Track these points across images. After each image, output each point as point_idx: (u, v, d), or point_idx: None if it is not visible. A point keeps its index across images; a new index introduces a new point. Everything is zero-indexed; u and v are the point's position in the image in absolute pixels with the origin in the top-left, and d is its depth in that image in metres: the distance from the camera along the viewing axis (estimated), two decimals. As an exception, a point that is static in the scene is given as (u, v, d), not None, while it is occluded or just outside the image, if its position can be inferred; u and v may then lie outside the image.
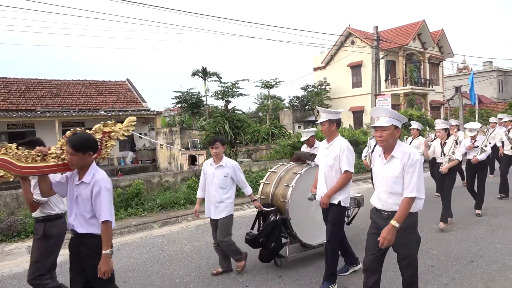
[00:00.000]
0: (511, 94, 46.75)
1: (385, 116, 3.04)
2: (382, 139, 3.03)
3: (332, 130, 4.05)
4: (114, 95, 23.80)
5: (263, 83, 26.37)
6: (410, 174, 2.94)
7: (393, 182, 3.01)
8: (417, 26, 29.32)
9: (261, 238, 4.56)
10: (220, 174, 4.47)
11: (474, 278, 4.15)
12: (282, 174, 5.08)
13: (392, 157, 3.05)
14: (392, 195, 3.03)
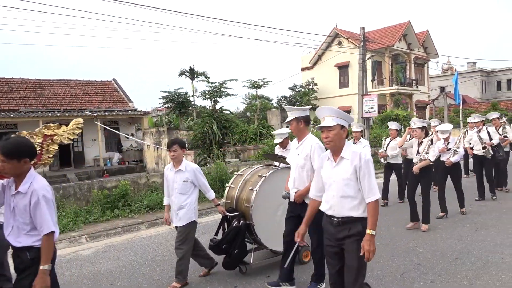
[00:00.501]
0: (494, 94, 47.79)
1: (331, 116, 2.90)
2: (329, 140, 2.87)
3: (301, 128, 3.88)
4: (100, 95, 23.48)
5: (251, 83, 26.37)
6: (367, 176, 2.79)
7: (345, 184, 2.83)
8: (402, 27, 29.72)
9: (223, 244, 4.37)
10: (180, 179, 4.20)
11: (459, 275, 4.21)
12: (247, 177, 4.82)
13: (342, 159, 2.89)
14: (344, 199, 2.85)
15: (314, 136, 3.90)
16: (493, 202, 7.68)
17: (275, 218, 4.58)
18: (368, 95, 17.49)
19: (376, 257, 4.84)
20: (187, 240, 4.20)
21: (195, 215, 4.27)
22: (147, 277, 4.71)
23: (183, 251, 4.17)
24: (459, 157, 6.60)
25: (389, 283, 4.10)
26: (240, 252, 4.42)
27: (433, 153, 5.91)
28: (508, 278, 4.06)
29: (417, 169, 5.88)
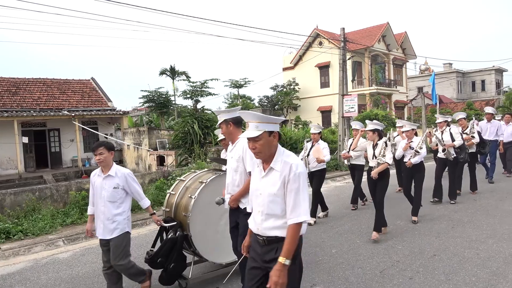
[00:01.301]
0: (469, 95, 49.27)
1: (254, 122, 2.45)
2: (257, 151, 2.44)
3: (231, 130, 3.66)
4: (78, 94, 22.97)
5: (233, 82, 26.36)
6: (294, 192, 2.35)
7: (270, 200, 2.43)
8: (381, 28, 30.24)
9: (159, 258, 3.99)
10: (109, 185, 3.76)
11: (436, 271, 4.31)
12: (189, 183, 4.42)
13: (271, 169, 2.46)
14: (269, 217, 2.45)
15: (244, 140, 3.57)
16: (469, 200, 7.90)
17: (217, 228, 4.26)
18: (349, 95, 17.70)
19: (356, 255, 4.93)
20: (124, 254, 3.79)
21: (128, 225, 3.87)
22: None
23: (124, 266, 3.79)
24: (420, 158, 6.28)
25: (369, 280, 4.16)
26: (177, 265, 4.05)
27: (389, 156, 5.57)
28: (483, 273, 4.18)
29: (376, 173, 5.58)
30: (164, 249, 4.01)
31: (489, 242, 5.16)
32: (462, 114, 8.80)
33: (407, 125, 6.61)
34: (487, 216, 6.49)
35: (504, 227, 5.82)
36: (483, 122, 10.28)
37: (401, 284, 4.04)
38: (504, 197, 7.97)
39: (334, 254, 5.03)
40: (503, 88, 48.33)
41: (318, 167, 6.65)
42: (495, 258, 4.58)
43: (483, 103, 40.59)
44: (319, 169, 6.68)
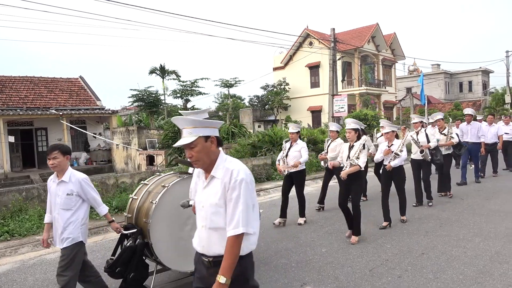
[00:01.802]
0: (457, 95, 50.01)
1: (188, 128, 2.22)
2: (194, 159, 2.22)
3: None
4: (66, 93, 22.67)
5: (223, 82, 26.29)
6: (234, 201, 2.14)
7: (213, 212, 2.21)
8: (371, 29, 30.48)
9: (118, 267, 3.73)
10: (63, 192, 3.49)
11: (425, 269, 4.36)
12: (151, 187, 4.17)
13: (212, 178, 2.25)
14: (213, 232, 2.22)
15: None
16: (456, 199, 8.00)
17: (181, 235, 3.97)
18: (339, 95, 17.83)
19: (346, 254, 4.96)
20: (72, 265, 3.46)
21: (82, 234, 3.56)
22: (115, 280, 4.57)
23: (67, 279, 3.41)
24: (400, 161, 6.02)
25: (358, 279, 4.19)
26: (137, 275, 3.79)
27: (363, 159, 5.33)
28: (470, 271, 4.25)
29: (345, 174, 5.34)
30: (122, 257, 3.76)
31: (476, 241, 5.24)
32: (440, 114, 8.57)
33: (387, 127, 6.31)
34: (474, 215, 6.59)
35: (490, 225, 5.92)
36: (463, 124, 9.98)
37: (390, 282, 4.07)
38: (490, 196, 8.10)
39: (324, 253, 5.05)
40: (489, 89, 49.18)
41: (297, 168, 6.43)
42: (482, 256, 4.65)
43: (470, 104, 41.22)
44: (298, 170, 6.43)
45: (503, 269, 4.24)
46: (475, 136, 9.58)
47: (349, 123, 5.62)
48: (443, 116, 8.59)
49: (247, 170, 2.25)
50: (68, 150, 3.61)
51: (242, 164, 2.28)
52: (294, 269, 4.56)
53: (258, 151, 13.94)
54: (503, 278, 4.01)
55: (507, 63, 34.39)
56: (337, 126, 7.42)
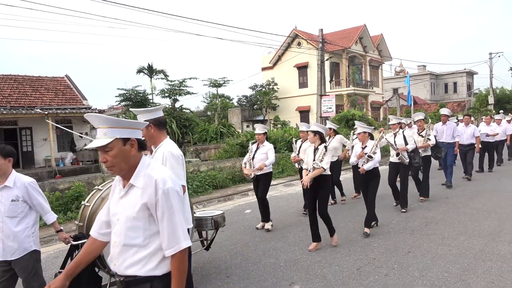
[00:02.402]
0: (442, 96, 50.87)
1: (102, 127, 1.92)
2: (109, 165, 1.91)
3: (152, 133, 3.19)
4: (52, 92, 22.30)
5: (212, 81, 26.20)
6: (168, 216, 1.85)
7: (129, 227, 1.89)
8: (358, 30, 30.78)
9: None
10: (6, 198, 3.16)
11: (411, 268, 4.43)
12: (105, 193, 3.87)
13: (131, 186, 1.94)
14: (128, 250, 1.89)
15: (171, 142, 3.25)
16: (441, 198, 8.14)
17: None
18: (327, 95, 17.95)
19: (334, 253, 5.00)
20: (34, 277, 3.21)
21: (35, 242, 3.26)
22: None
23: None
24: (373, 163, 5.73)
25: (346, 278, 4.23)
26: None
27: (326, 161, 5.05)
28: (455, 269, 4.33)
29: (309, 179, 5.03)
30: None
31: (461, 239, 5.34)
32: (421, 115, 8.35)
33: (359, 127, 6.06)
34: (458, 214, 6.72)
35: (474, 224, 6.04)
36: (439, 124, 9.65)
37: (377, 281, 4.13)
38: (474, 195, 8.26)
39: (312, 252, 5.09)
40: (473, 90, 50.18)
41: (262, 171, 6.16)
42: (466, 254, 4.74)
43: (455, 104, 42.01)
44: (264, 173, 6.19)
45: (486, 266, 4.34)
46: (450, 136, 9.36)
47: (310, 126, 5.41)
48: (424, 116, 8.45)
49: (173, 176, 2.01)
50: (10, 152, 3.26)
51: (167, 171, 2.04)
52: (283, 269, 4.58)
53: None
54: (486, 275, 4.10)
55: (490, 65, 35.10)
56: (307, 126, 7.12)
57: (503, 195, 8.06)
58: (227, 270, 4.63)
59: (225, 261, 4.94)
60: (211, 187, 10.23)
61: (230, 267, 4.73)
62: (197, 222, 4.46)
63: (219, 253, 5.26)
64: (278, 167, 12.55)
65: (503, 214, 6.49)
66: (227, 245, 5.60)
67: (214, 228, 4.50)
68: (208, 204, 8.91)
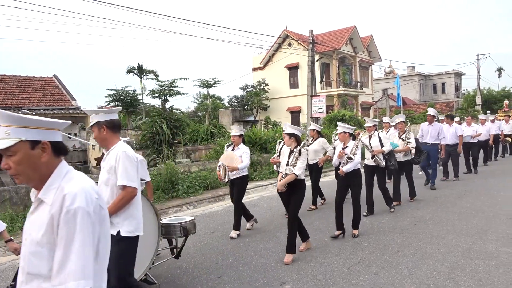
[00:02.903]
0: (431, 97, 51.52)
1: (6, 126, 1.52)
2: (13, 172, 1.54)
3: (104, 135, 3.06)
4: (40, 92, 21.99)
5: (202, 82, 26.13)
6: (64, 242, 1.43)
7: (32, 252, 1.50)
8: (349, 31, 31.00)
9: None
10: None
11: (400, 266, 4.47)
12: None
13: (41, 202, 1.55)
14: (32, 279, 1.51)
15: (125, 145, 3.12)
16: (430, 197, 8.24)
17: None
18: (317, 96, 18.02)
19: (324, 252, 5.03)
20: None
21: None
22: None
23: None
24: (353, 165, 5.56)
25: (336, 277, 4.25)
26: None
27: (300, 166, 4.77)
28: (443, 267, 4.38)
29: (282, 186, 4.77)
30: None
31: (449, 238, 5.41)
32: (401, 117, 8.11)
33: (340, 127, 5.85)
34: (447, 213, 6.80)
35: (462, 223, 6.12)
36: (424, 124, 9.43)
37: (367, 280, 4.16)
38: (462, 194, 8.38)
39: (303, 252, 5.10)
40: (461, 91, 50.92)
41: (237, 174, 5.87)
42: (454, 253, 4.81)
43: (443, 105, 42.54)
44: (239, 176, 5.91)
45: (474, 264, 4.40)
46: (434, 137, 9.08)
47: (285, 128, 5.03)
48: (405, 119, 8.23)
49: (93, 194, 1.54)
50: None
51: (88, 183, 1.57)
52: (274, 269, 4.59)
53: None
54: (474, 274, 4.16)
55: (477, 66, 35.65)
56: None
57: (490, 194, 8.18)
58: (218, 271, 4.62)
59: (216, 262, 4.93)
60: (202, 188, 10.19)
61: (221, 267, 4.72)
62: (165, 230, 4.34)
63: (210, 254, 5.25)
64: (269, 168, 12.57)
65: (490, 213, 6.59)
66: (218, 246, 5.59)
67: (183, 235, 4.35)
68: (199, 205, 8.88)
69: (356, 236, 5.63)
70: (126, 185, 2.92)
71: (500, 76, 53.54)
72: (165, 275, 4.57)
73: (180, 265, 4.84)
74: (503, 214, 6.50)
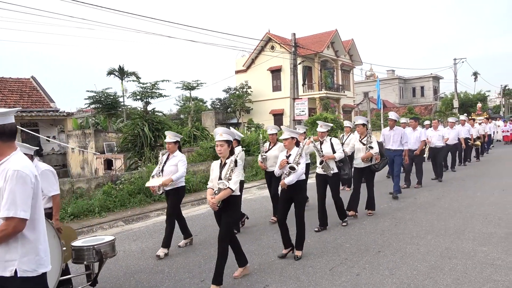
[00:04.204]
0: (410, 100, 52.63)
1: None
2: None
3: None
4: (16, 93, 21.41)
5: (185, 84, 25.91)
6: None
7: None
8: (330, 35, 31.38)
9: None
10: None
11: (381, 267, 4.54)
12: None
13: None
14: None
15: (22, 158, 2.32)
16: (410, 198, 8.40)
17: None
18: (299, 98, 18.16)
19: (307, 254, 5.06)
20: None
21: None
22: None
23: None
24: (296, 176, 4.81)
25: (319, 279, 4.29)
26: None
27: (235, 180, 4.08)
28: (423, 267, 4.48)
29: (216, 202, 4.06)
30: None
31: (428, 238, 5.53)
32: (361, 119, 7.17)
33: (286, 132, 5.11)
34: (426, 214, 6.95)
35: (441, 223, 6.27)
36: (386, 129, 8.76)
37: (349, 280, 4.20)
38: (441, 195, 8.58)
39: (286, 254, 5.12)
40: (439, 94, 52.27)
41: (172, 185, 5.32)
42: (433, 253, 4.92)
43: (422, 108, 43.53)
44: (174, 188, 5.39)
45: (452, 264, 4.51)
46: (397, 142, 8.36)
47: (219, 134, 4.17)
48: (366, 121, 7.26)
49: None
50: None
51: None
52: (257, 271, 4.59)
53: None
54: (452, 273, 4.26)
55: (455, 70, 36.67)
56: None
57: (467, 195, 8.41)
58: (201, 275, 4.59)
59: (199, 266, 4.89)
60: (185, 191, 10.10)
61: (204, 271, 4.69)
62: (76, 254, 3.78)
63: (193, 258, 5.21)
64: (251, 170, 12.62)
65: (467, 213, 6.77)
66: (201, 249, 5.56)
67: (96, 260, 3.74)
68: (182, 208, 8.78)
69: (298, 258, 4.87)
70: (10, 215, 2.16)
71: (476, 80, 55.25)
72: (147, 280, 4.51)
73: (162, 269, 4.79)
74: (480, 214, 6.69)
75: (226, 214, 4.18)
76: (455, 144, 12.03)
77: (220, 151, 4.20)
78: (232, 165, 4.13)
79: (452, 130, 12.06)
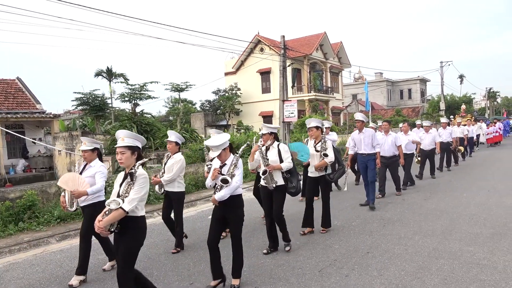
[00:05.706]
0: (398, 102, 53.27)
1: None
2: None
3: None
4: (1, 95, 21.02)
5: (174, 86, 25.80)
6: None
7: None
8: (319, 38, 31.60)
9: None
10: None
11: (370, 268, 4.58)
12: None
13: None
14: None
15: None
16: (398, 199, 8.49)
17: None
18: (289, 100, 18.19)
19: (296, 256, 5.07)
20: None
21: None
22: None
23: None
24: (229, 191, 4.07)
25: (308, 280, 4.30)
26: None
27: (132, 196, 3.35)
28: (411, 267, 4.52)
29: (102, 227, 3.34)
30: None
31: (416, 238, 5.59)
32: (315, 121, 6.20)
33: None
34: (414, 214, 7.03)
35: (428, 224, 6.35)
36: (355, 133, 7.88)
37: (338, 282, 4.22)
38: (428, 196, 8.69)
39: (275, 256, 5.12)
40: (426, 96, 53.00)
41: (88, 200, 4.63)
42: (421, 253, 4.97)
43: (410, 110, 44.05)
44: (91, 203, 4.65)
45: (440, 264, 4.57)
46: (369, 146, 7.62)
47: (120, 138, 3.53)
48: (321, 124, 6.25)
49: None
50: None
51: None
52: (246, 273, 4.58)
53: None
54: (439, 273, 4.31)
55: (441, 73, 37.22)
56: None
57: (454, 196, 8.53)
58: (189, 277, 4.56)
59: (188, 268, 4.86)
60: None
61: (193, 274, 4.66)
62: None
63: (182, 260, 5.18)
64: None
65: (454, 214, 6.87)
66: (190, 252, 5.52)
67: None
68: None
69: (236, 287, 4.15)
70: None
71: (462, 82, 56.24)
72: (135, 283, 4.45)
73: (151, 272, 4.74)
74: (466, 214, 6.80)
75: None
76: (432, 150, 11.16)
77: (121, 160, 3.44)
78: (129, 180, 3.33)
79: (428, 134, 11.18)
